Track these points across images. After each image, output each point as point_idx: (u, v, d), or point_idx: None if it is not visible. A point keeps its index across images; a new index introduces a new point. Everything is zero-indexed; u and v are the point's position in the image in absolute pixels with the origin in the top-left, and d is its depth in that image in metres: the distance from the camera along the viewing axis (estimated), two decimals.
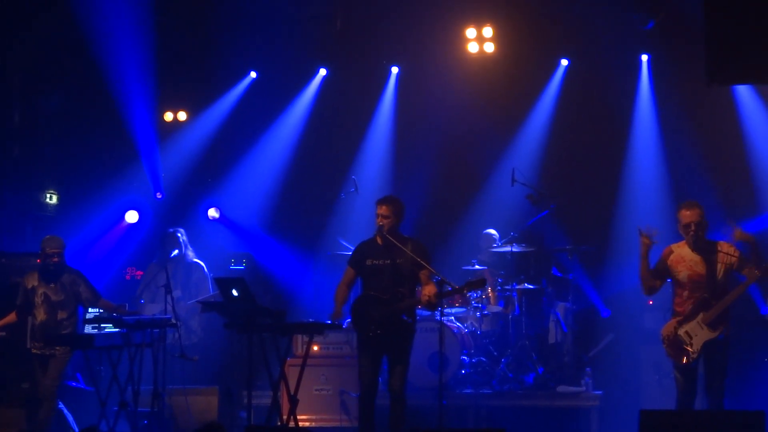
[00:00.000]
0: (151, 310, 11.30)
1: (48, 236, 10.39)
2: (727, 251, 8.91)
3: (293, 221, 13.35)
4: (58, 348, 10.11)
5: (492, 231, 12.45)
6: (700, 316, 8.84)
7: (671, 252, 9.10)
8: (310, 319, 9.96)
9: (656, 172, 12.75)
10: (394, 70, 13.48)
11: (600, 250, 12.39)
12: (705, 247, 8.97)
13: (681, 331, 8.91)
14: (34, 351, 10.22)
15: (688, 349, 8.86)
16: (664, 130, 12.74)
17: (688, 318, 8.90)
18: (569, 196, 12.68)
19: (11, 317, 10.39)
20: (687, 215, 8.98)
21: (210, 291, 11.68)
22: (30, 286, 10.31)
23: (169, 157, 13.32)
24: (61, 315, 10.28)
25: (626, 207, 12.75)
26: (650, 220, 12.29)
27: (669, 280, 9.14)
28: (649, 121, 12.88)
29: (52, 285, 10.28)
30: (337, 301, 9.46)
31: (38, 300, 10.26)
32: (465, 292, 9.48)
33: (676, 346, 8.93)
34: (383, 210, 9.31)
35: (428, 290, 9.07)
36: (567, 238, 12.30)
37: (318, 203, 13.23)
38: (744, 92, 12.51)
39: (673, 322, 9.01)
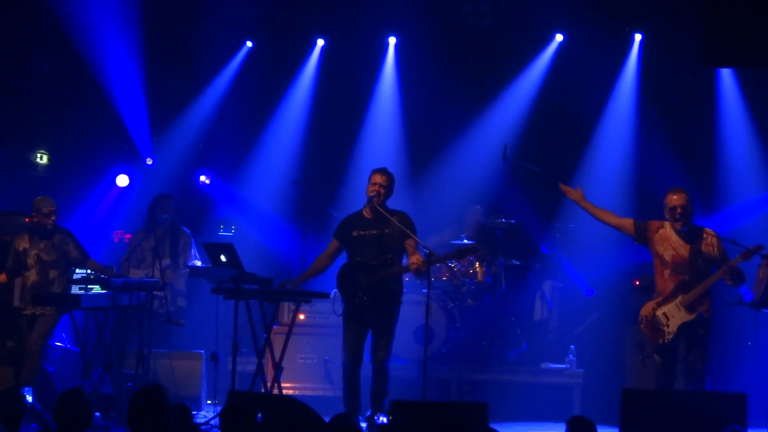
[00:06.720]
0: (138, 275, 11.25)
1: (41, 197, 10.27)
2: (711, 241, 9.00)
3: (284, 190, 13.30)
4: (48, 308, 10.06)
5: (478, 207, 12.43)
6: (679, 298, 8.96)
7: (661, 226, 9.17)
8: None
9: (629, 153, 12.71)
10: (392, 40, 13.42)
11: (582, 228, 12.37)
12: (690, 232, 9.06)
13: (659, 312, 9.02)
14: (24, 312, 10.16)
15: (664, 329, 8.96)
16: (644, 111, 12.68)
17: (667, 299, 9.01)
18: (551, 173, 12.68)
19: (1, 278, 10.29)
20: (674, 199, 9.06)
21: (192, 257, 11.60)
22: (21, 248, 10.22)
23: (161, 124, 13.25)
24: (53, 274, 10.23)
25: (603, 185, 12.68)
26: (619, 200, 12.33)
27: (650, 253, 9.24)
28: (630, 101, 12.79)
29: (43, 245, 10.21)
30: (309, 269, 9.45)
31: (31, 261, 10.20)
32: (457, 259, 9.41)
33: (652, 326, 9.04)
34: (381, 179, 9.24)
35: (416, 258, 9.06)
36: (552, 215, 12.33)
37: (309, 173, 13.20)
38: (727, 78, 12.49)
39: (652, 303, 9.12)
